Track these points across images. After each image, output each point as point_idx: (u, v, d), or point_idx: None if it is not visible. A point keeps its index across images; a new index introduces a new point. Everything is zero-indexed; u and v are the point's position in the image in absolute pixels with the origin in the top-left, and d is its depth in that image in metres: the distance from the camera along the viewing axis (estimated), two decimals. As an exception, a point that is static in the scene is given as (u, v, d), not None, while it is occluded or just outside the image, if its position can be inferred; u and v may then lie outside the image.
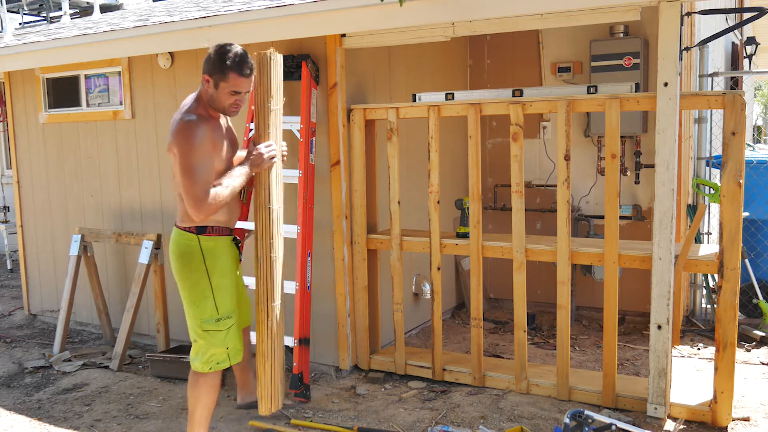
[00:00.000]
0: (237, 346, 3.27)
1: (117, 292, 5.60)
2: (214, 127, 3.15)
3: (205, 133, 3.06)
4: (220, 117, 3.26)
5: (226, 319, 3.20)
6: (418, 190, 5.15)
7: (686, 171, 5.25)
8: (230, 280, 3.25)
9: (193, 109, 3.13)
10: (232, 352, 3.24)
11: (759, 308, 5.20)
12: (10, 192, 8.53)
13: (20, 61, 5.63)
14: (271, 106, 3.27)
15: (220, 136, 3.17)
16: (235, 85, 3.09)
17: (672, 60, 3.39)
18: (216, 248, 3.20)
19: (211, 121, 3.15)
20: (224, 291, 3.20)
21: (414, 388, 4.25)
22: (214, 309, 3.17)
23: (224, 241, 3.25)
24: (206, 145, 3.06)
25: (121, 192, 5.44)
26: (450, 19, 3.81)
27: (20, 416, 4.07)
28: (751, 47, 8.17)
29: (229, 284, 3.24)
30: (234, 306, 3.26)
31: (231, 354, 3.24)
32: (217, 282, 3.18)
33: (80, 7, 11.01)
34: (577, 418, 3.16)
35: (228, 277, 3.24)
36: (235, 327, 3.27)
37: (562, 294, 3.90)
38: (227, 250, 3.27)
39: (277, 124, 3.33)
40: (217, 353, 3.20)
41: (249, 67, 3.12)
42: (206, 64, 3.14)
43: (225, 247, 3.25)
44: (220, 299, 3.18)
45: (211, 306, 3.16)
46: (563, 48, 5.67)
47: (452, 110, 4.12)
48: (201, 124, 3.06)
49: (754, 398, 3.94)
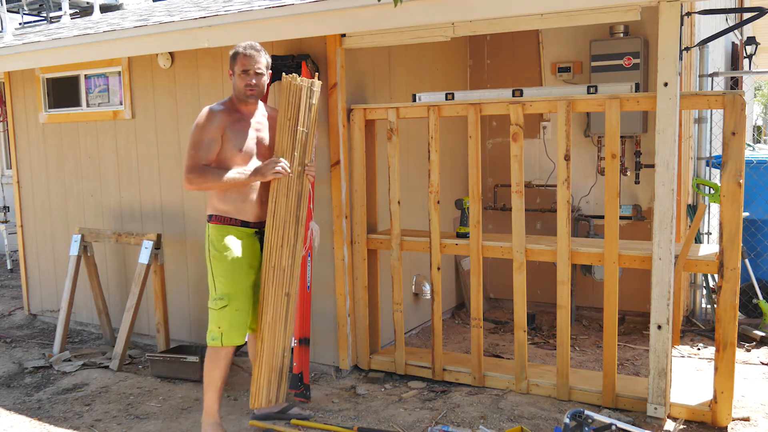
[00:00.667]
0: (230, 328, 3.49)
1: (117, 292, 5.60)
2: (235, 119, 3.50)
3: (219, 120, 3.44)
4: (250, 112, 3.57)
5: (218, 300, 3.47)
6: (418, 190, 5.15)
7: (686, 171, 5.25)
8: (230, 266, 3.48)
9: (221, 102, 3.57)
10: (225, 332, 3.49)
11: (759, 308, 5.20)
12: (10, 192, 8.53)
13: (20, 61, 5.63)
14: (292, 126, 3.49)
15: (240, 128, 3.49)
16: (242, 65, 3.45)
17: (672, 60, 3.39)
18: (219, 235, 3.49)
19: (233, 113, 3.50)
20: (222, 275, 3.48)
21: (414, 388, 4.25)
22: (213, 289, 3.51)
23: (231, 231, 3.51)
24: (214, 129, 3.43)
25: (121, 192, 5.44)
26: (450, 19, 3.81)
27: (20, 416, 4.07)
28: (751, 47, 8.17)
29: (226, 270, 3.48)
30: (231, 291, 3.48)
31: (224, 334, 3.49)
32: (216, 266, 3.49)
33: (80, 7, 11.01)
34: (577, 418, 3.16)
35: (227, 265, 3.48)
36: (230, 310, 3.48)
37: (562, 294, 3.90)
38: (234, 240, 3.50)
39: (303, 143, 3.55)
40: (211, 330, 3.52)
41: (253, 47, 3.47)
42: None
43: (231, 236, 3.50)
44: (218, 281, 3.49)
45: (211, 286, 3.52)
46: (563, 48, 5.67)
47: (452, 110, 4.12)
48: (218, 113, 3.45)
49: (754, 398, 3.94)
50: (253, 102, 3.59)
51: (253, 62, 3.46)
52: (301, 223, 3.62)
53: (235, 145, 3.47)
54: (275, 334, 3.64)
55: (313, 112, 3.56)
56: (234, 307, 3.49)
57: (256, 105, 3.63)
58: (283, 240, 3.55)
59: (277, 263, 3.55)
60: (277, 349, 3.66)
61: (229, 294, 3.48)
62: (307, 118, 3.55)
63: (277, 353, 3.67)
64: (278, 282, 3.58)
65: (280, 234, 3.54)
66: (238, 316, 3.52)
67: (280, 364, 3.70)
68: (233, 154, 3.47)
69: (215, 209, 3.54)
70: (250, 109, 3.59)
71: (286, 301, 3.62)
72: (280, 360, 3.69)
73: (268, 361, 3.65)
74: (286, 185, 3.51)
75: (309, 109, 3.54)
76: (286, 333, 3.67)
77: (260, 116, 3.63)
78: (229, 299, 3.48)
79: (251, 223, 3.57)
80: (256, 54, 3.46)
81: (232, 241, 3.51)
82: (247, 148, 3.51)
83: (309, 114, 3.55)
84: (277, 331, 3.64)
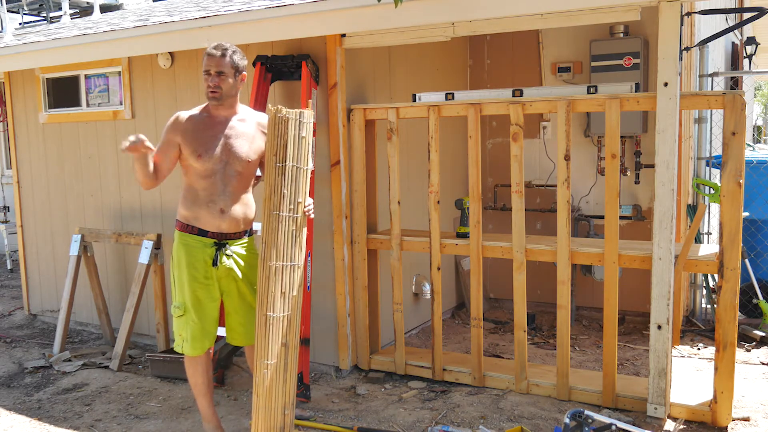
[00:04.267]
0: (191, 339, 3.42)
1: (117, 292, 5.60)
2: (203, 123, 3.35)
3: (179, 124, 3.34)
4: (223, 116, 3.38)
5: (176, 308, 3.42)
6: (418, 190, 5.15)
7: (686, 171, 5.25)
8: (185, 277, 3.38)
9: (199, 106, 3.44)
10: (186, 341, 3.44)
11: (759, 308, 5.20)
12: (10, 192, 8.53)
13: (20, 61, 5.64)
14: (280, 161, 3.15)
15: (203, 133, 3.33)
16: (205, 65, 3.29)
17: (672, 60, 3.39)
18: (177, 243, 3.42)
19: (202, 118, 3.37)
20: (178, 284, 3.41)
21: (414, 388, 4.25)
22: (174, 295, 3.45)
23: (188, 239, 3.39)
24: (170, 133, 3.34)
25: (121, 192, 5.44)
26: (450, 19, 3.81)
27: (20, 416, 4.07)
28: (751, 47, 8.17)
29: (181, 280, 3.40)
30: (185, 301, 3.40)
31: (185, 343, 3.44)
32: (174, 273, 3.43)
33: (80, 7, 11.01)
34: (577, 418, 3.16)
35: (182, 274, 3.39)
36: (187, 320, 3.41)
37: (562, 294, 3.90)
38: (191, 248, 3.38)
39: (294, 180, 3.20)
40: (176, 337, 3.48)
41: (218, 47, 3.28)
42: None
43: (188, 245, 3.39)
44: (176, 289, 3.43)
45: (173, 292, 3.47)
46: (563, 48, 5.67)
47: (452, 110, 4.12)
48: (181, 117, 3.36)
49: (754, 398, 3.94)
50: (221, 106, 3.33)
51: (214, 63, 3.24)
52: (297, 268, 3.22)
53: (194, 150, 3.29)
54: (273, 393, 3.17)
55: (304, 145, 3.19)
56: (190, 318, 3.39)
57: (232, 110, 3.38)
58: (276, 287, 3.15)
59: (270, 310, 3.14)
60: (276, 408, 3.19)
61: (184, 304, 3.39)
62: (298, 152, 3.18)
63: (277, 413, 3.19)
64: (274, 331, 3.15)
65: (273, 280, 3.14)
66: (195, 327, 3.40)
67: (282, 423, 3.23)
68: (192, 159, 3.29)
69: (179, 214, 3.42)
70: (222, 113, 3.36)
71: (284, 353, 3.18)
72: (281, 419, 3.22)
73: (266, 421, 3.17)
74: (276, 226, 3.14)
75: (299, 142, 3.17)
76: (286, 388, 3.21)
77: (237, 122, 3.37)
78: (184, 309, 3.40)
79: (209, 233, 3.35)
80: (218, 54, 3.24)
81: (188, 250, 3.36)
82: (207, 153, 3.28)
83: (299, 147, 3.18)
84: (275, 389, 3.17)
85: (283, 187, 3.14)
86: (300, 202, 3.21)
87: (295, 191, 3.18)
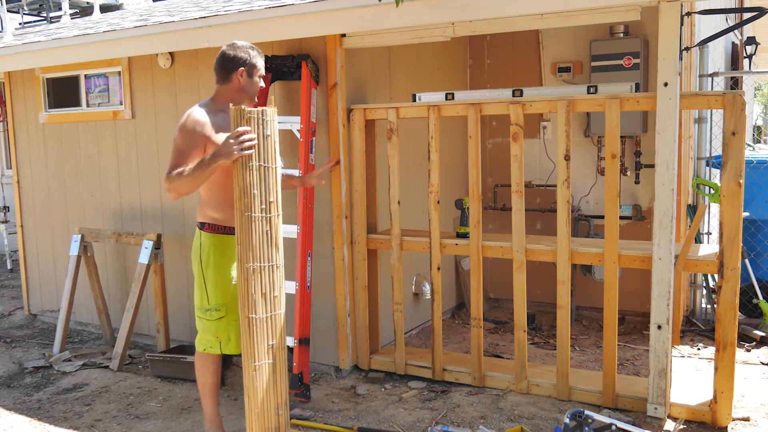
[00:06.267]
0: (229, 337, 3.41)
1: (117, 292, 5.60)
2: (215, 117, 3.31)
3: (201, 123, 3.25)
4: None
5: (213, 311, 3.38)
6: (418, 190, 5.15)
7: (686, 171, 5.25)
8: (223, 276, 3.37)
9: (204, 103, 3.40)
10: (223, 341, 3.41)
11: (759, 308, 5.20)
12: (10, 192, 8.54)
13: (20, 61, 5.64)
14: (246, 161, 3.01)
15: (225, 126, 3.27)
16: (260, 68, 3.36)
17: (672, 60, 3.39)
18: (212, 245, 3.36)
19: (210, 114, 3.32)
20: (216, 285, 3.37)
21: (414, 388, 4.26)
22: (205, 299, 3.38)
23: (225, 240, 3.36)
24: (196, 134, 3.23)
25: (121, 192, 5.45)
26: (450, 19, 3.81)
27: (20, 416, 4.08)
28: (751, 47, 8.17)
29: (221, 280, 3.36)
30: (227, 301, 3.37)
31: (222, 342, 3.41)
32: (210, 275, 3.36)
33: (80, 7, 11.01)
34: (577, 418, 3.16)
35: (221, 274, 3.36)
36: (228, 320, 3.39)
37: (562, 294, 3.90)
38: (226, 249, 3.36)
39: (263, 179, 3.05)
40: (207, 339, 3.41)
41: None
42: None
43: (223, 245, 3.36)
44: (211, 292, 3.36)
45: (203, 296, 3.39)
46: (563, 48, 5.67)
47: (452, 110, 4.12)
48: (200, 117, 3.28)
49: (754, 398, 3.94)
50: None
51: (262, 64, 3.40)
52: (276, 268, 3.10)
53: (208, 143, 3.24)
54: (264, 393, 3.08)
55: (270, 143, 3.07)
56: (232, 318, 3.39)
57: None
58: (255, 288, 3.04)
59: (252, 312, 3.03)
60: (269, 409, 3.09)
61: (226, 304, 3.37)
62: (264, 151, 3.06)
63: (270, 414, 3.10)
64: (258, 332, 3.05)
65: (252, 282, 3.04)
66: (236, 327, 3.39)
67: (276, 423, 3.14)
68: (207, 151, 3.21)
69: (209, 217, 3.37)
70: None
71: (271, 354, 3.09)
72: (275, 419, 3.13)
73: (260, 422, 3.08)
74: (250, 227, 3.03)
75: (264, 140, 3.05)
76: (277, 388, 3.12)
77: None
78: (226, 310, 3.38)
79: None
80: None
81: (225, 250, 3.36)
82: None
83: (265, 146, 3.06)
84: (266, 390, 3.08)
85: (252, 188, 3.06)
86: (272, 201, 3.13)
87: (265, 191, 3.09)
